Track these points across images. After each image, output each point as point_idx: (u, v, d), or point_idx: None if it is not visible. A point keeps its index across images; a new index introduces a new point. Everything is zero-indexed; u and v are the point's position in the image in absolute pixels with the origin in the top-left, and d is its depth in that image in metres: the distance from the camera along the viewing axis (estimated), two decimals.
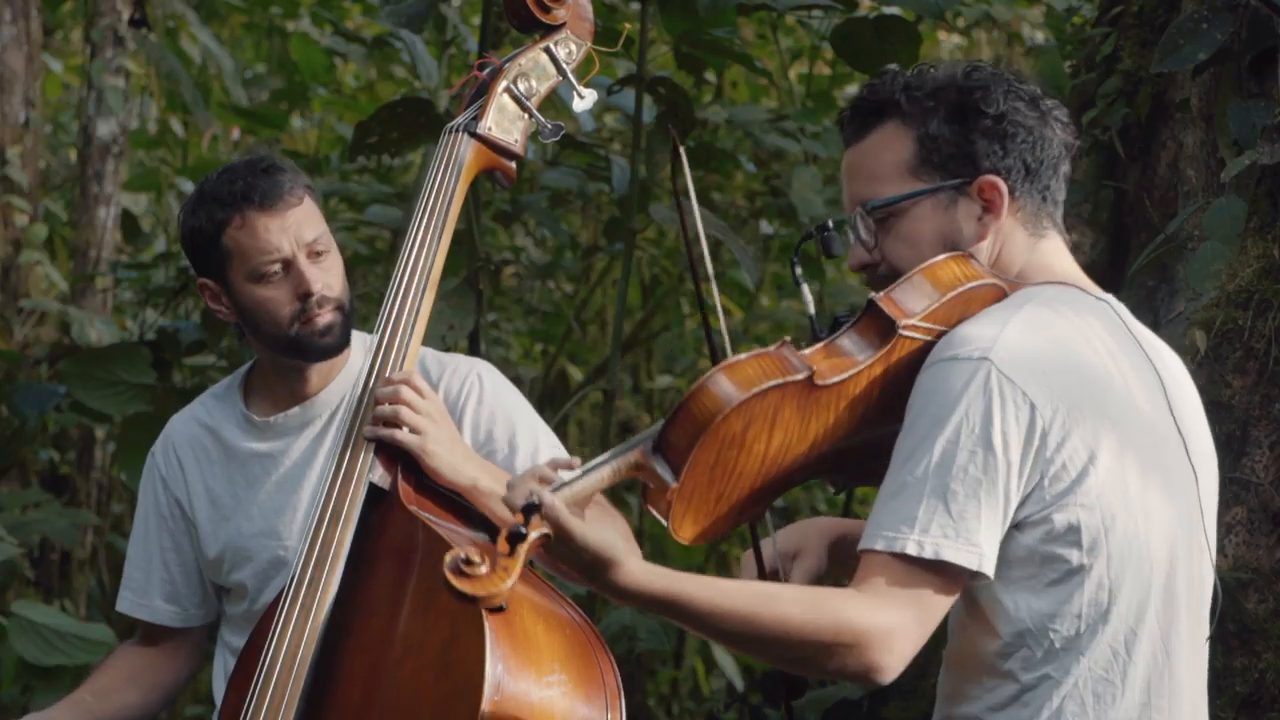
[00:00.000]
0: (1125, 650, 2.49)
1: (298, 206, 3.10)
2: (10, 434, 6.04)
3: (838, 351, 2.49)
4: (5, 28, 6.55)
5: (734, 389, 2.39)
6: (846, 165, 2.64)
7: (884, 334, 2.49)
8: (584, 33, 3.16)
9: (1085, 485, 2.45)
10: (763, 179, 7.23)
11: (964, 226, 2.57)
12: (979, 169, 2.57)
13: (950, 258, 2.54)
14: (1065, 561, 2.46)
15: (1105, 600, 2.47)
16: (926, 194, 2.57)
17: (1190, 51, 4.03)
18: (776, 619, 2.35)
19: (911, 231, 2.57)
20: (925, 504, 2.38)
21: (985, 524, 2.40)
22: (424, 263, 3.05)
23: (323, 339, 3.13)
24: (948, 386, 2.42)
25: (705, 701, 7.20)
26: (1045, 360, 2.45)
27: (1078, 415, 2.45)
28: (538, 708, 2.75)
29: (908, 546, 2.37)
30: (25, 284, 6.73)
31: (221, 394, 3.31)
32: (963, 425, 2.40)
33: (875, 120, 2.60)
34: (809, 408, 2.44)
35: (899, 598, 2.37)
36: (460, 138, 3.10)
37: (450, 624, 2.78)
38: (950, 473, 2.39)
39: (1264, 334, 3.76)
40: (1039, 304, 2.52)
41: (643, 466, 2.40)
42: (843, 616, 2.35)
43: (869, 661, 2.36)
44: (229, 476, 3.23)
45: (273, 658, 2.91)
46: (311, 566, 2.93)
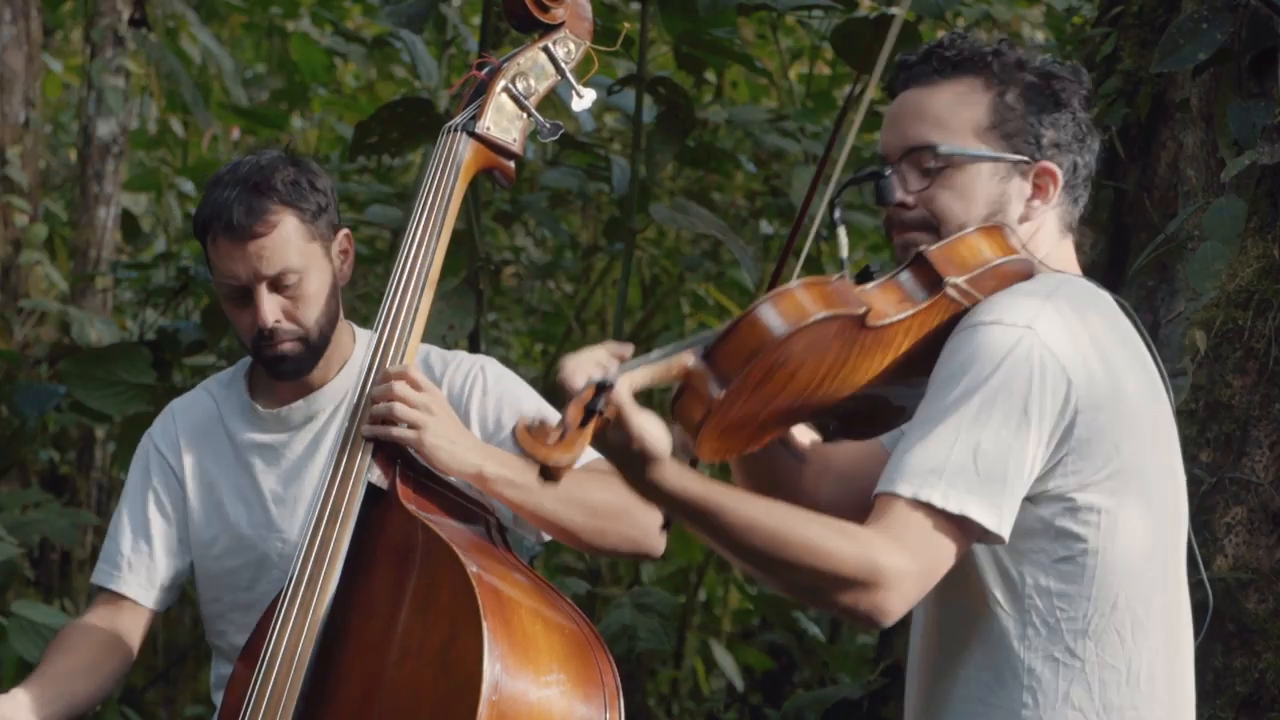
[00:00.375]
0: (1132, 638, 2.49)
1: (265, 236, 3.06)
2: (10, 434, 6.04)
3: (885, 296, 2.48)
4: (5, 28, 6.54)
5: (799, 310, 2.36)
6: (910, 105, 2.60)
7: (929, 287, 2.48)
8: (583, 32, 3.16)
9: (1110, 469, 2.46)
10: (763, 179, 7.23)
11: (1013, 202, 2.59)
12: (1041, 154, 2.60)
13: (996, 227, 2.55)
14: (1080, 540, 2.46)
15: (1115, 586, 2.48)
16: (996, 160, 2.58)
17: (1190, 51, 4.02)
18: (804, 542, 2.32)
19: (968, 188, 2.57)
20: (954, 457, 2.38)
21: (1009, 488, 2.40)
22: (423, 261, 3.05)
23: (279, 366, 3.14)
24: (991, 349, 2.42)
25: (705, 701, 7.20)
26: (1081, 342, 2.47)
27: (1108, 400, 2.47)
28: (536, 707, 2.75)
29: (934, 496, 2.36)
30: (25, 284, 6.73)
31: (226, 382, 3.31)
32: (1001, 388, 2.40)
33: (953, 71, 2.60)
34: (851, 345, 2.43)
35: (917, 544, 2.36)
36: (459, 137, 3.10)
37: (449, 624, 2.79)
38: (984, 432, 2.39)
39: (1264, 334, 3.76)
40: (1074, 288, 2.54)
41: (691, 371, 2.34)
42: (867, 553, 2.33)
43: (879, 602, 2.35)
44: (228, 465, 3.23)
45: (271, 657, 2.91)
46: (310, 566, 2.93)
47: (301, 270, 3.10)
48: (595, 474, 3.03)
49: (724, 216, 7.03)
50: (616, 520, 3.01)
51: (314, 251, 3.13)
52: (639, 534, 3.04)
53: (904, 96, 2.62)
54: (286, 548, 3.12)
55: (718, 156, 6.41)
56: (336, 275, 3.18)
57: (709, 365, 2.34)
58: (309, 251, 3.12)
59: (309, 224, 3.12)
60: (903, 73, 2.64)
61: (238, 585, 3.21)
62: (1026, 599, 2.48)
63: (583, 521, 3.01)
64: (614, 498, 2.99)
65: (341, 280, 3.20)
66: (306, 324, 3.12)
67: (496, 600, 2.79)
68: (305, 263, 3.11)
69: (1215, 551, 3.68)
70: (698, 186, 7.36)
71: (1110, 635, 2.48)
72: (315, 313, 3.12)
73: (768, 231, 7.47)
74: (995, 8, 6.47)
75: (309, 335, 3.12)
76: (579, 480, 3.00)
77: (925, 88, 2.61)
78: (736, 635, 7.60)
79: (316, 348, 3.15)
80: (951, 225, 2.56)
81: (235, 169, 3.13)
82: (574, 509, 2.99)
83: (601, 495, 3.00)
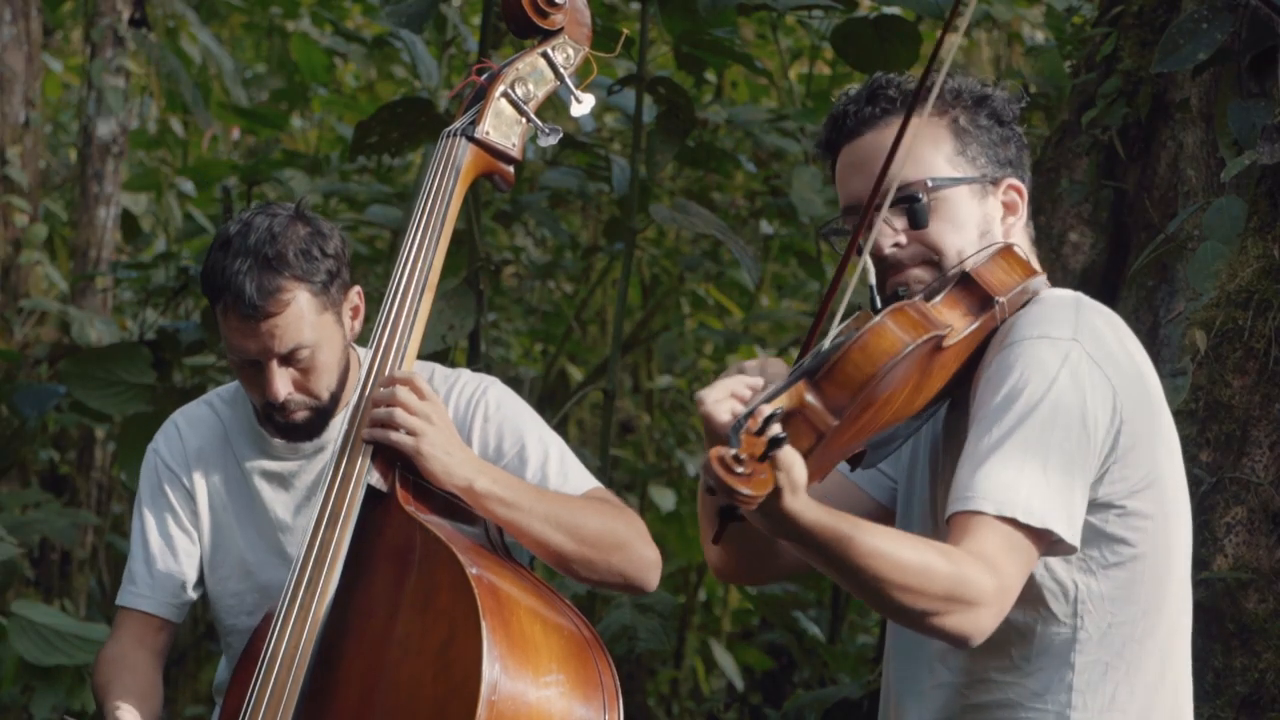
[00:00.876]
0: (1168, 640, 2.53)
1: (278, 315, 3.02)
2: (10, 434, 6.04)
3: (950, 314, 2.50)
4: (5, 28, 6.55)
5: (901, 335, 2.39)
6: (873, 148, 2.59)
7: (981, 306, 2.51)
8: (581, 38, 3.16)
9: (1150, 476, 2.51)
10: (763, 179, 7.23)
11: (994, 222, 2.61)
12: (1002, 171, 2.62)
13: (1009, 248, 2.58)
14: (1130, 545, 2.50)
15: (1163, 590, 2.52)
16: (972, 181, 2.59)
17: (1190, 51, 4.02)
18: (923, 565, 2.33)
19: (958, 215, 2.58)
20: (1027, 475, 2.40)
21: (1076, 499, 2.43)
22: (421, 266, 3.04)
23: (290, 432, 3.12)
24: (1042, 363, 2.45)
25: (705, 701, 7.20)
26: (1116, 351, 2.51)
27: (1143, 408, 2.51)
28: (535, 708, 2.75)
29: (1017, 513, 2.38)
30: (25, 284, 6.73)
31: (231, 400, 3.26)
32: (1059, 401, 2.43)
33: (900, 109, 2.60)
34: (925, 368, 2.46)
35: (1005, 560, 2.38)
36: (458, 142, 3.10)
37: (448, 625, 2.79)
38: (1050, 447, 2.42)
39: (1264, 334, 3.76)
40: (1090, 304, 2.56)
41: (804, 403, 2.35)
42: (974, 576, 2.35)
43: (974, 622, 2.37)
44: (237, 488, 3.20)
45: (271, 658, 2.91)
46: (310, 568, 2.93)
47: (314, 344, 3.06)
48: (593, 502, 3.03)
49: (724, 216, 7.03)
50: (607, 552, 3.00)
51: (326, 323, 3.08)
52: (630, 569, 3.03)
53: (860, 143, 2.61)
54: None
55: (718, 156, 6.41)
56: (348, 337, 3.14)
57: (819, 395, 2.36)
58: (321, 324, 3.07)
59: (321, 296, 3.07)
60: (848, 121, 2.62)
61: (241, 609, 3.19)
62: (1080, 604, 2.50)
63: (572, 548, 2.98)
64: (607, 529, 3.00)
65: (352, 336, 3.15)
66: (318, 393, 3.09)
67: (495, 601, 2.79)
68: (317, 336, 3.06)
69: (1215, 551, 3.68)
70: (698, 186, 7.37)
71: (1151, 640, 2.52)
72: (327, 381, 3.09)
73: (768, 231, 7.47)
74: (995, 8, 6.47)
75: (320, 404, 3.10)
76: (573, 507, 3.00)
77: (879, 129, 2.60)
78: (736, 635, 7.60)
79: (328, 411, 3.12)
80: (951, 256, 2.57)
81: (246, 233, 3.04)
82: (563, 534, 2.97)
83: (595, 525, 3.00)
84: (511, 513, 2.97)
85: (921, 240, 2.57)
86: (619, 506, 3.08)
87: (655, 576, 3.05)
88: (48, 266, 7.02)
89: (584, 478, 3.12)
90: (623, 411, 7.76)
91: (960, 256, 2.56)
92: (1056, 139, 4.94)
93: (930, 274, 2.56)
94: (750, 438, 2.22)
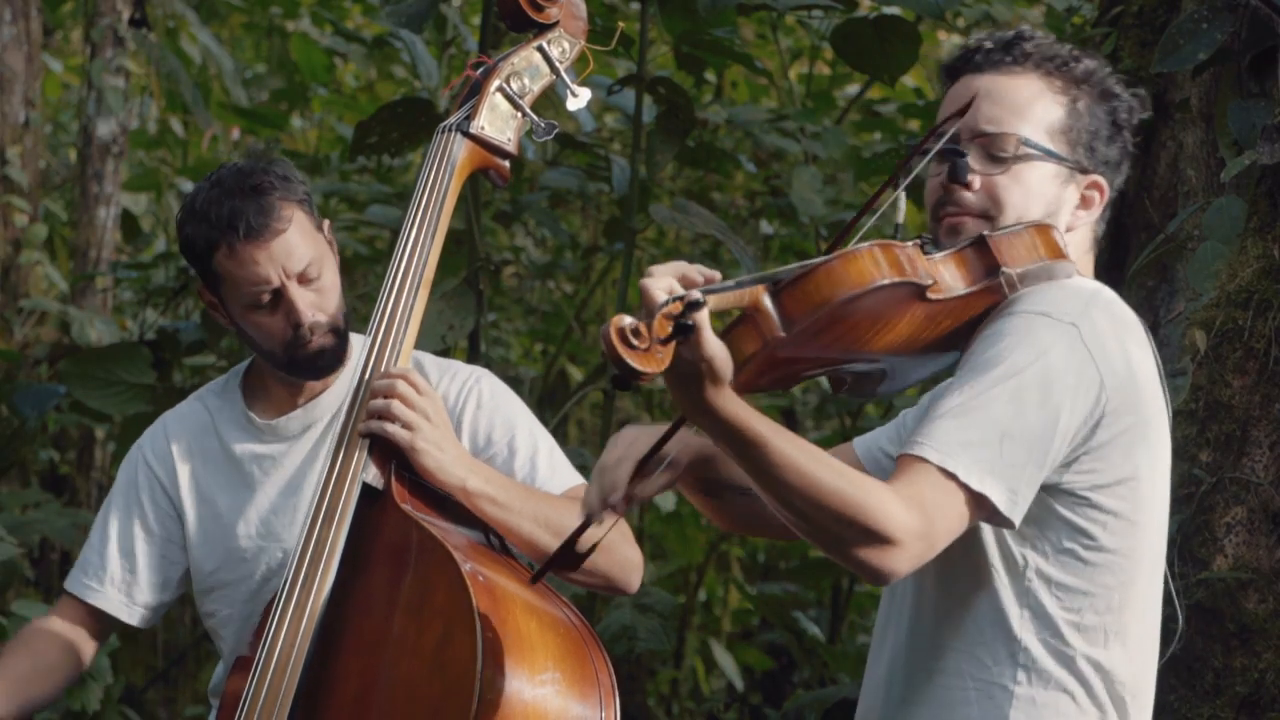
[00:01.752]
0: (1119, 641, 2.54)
1: (284, 233, 3.06)
2: (10, 434, 6.04)
3: (947, 271, 2.51)
4: (5, 28, 6.55)
5: (873, 270, 2.40)
6: (988, 89, 2.60)
7: (986, 272, 2.52)
8: (577, 31, 3.16)
9: (1123, 475, 2.51)
10: (763, 179, 7.23)
11: (1064, 208, 2.61)
12: (1095, 167, 2.62)
13: (1049, 227, 2.57)
14: (1088, 537, 2.50)
15: (1115, 589, 2.52)
16: (1063, 162, 2.59)
17: (1190, 51, 4.02)
18: (833, 487, 2.34)
19: (1033, 183, 2.58)
20: (984, 435, 2.41)
21: (1028, 476, 2.43)
22: (417, 262, 3.05)
23: (316, 363, 3.13)
24: (1036, 338, 2.46)
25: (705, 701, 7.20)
26: (1116, 348, 2.51)
27: (1132, 409, 2.51)
28: (531, 706, 2.75)
29: (958, 469, 2.39)
30: (25, 284, 6.73)
31: (220, 391, 3.29)
32: (1039, 379, 2.43)
33: (1033, 66, 2.61)
34: (904, 312, 2.47)
35: (934, 510, 2.39)
36: (453, 137, 3.10)
37: (443, 623, 2.79)
38: (1015, 418, 2.42)
39: (1264, 334, 3.76)
40: (1108, 296, 2.58)
41: (759, 306, 2.37)
42: (887, 510, 2.35)
43: (888, 560, 2.37)
44: (225, 477, 3.22)
45: (267, 657, 2.91)
46: (305, 565, 2.93)
47: (320, 260, 3.10)
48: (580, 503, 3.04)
49: (724, 216, 7.03)
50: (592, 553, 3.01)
51: (320, 240, 3.14)
52: (614, 570, 3.04)
53: (979, 79, 2.61)
54: (287, 557, 3.10)
55: (718, 156, 6.40)
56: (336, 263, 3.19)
57: (776, 304, 2.37)
58: (318, 241, 3.13)
59: (309, 214, 3.13)
60: (978, 55, 2.63)
61: (236, 598, 3.19)
62: (1026, 581, 2.51)
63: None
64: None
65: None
66: (333, 313, 3.12)
67: (491, 599, 2.79)
68: (320, 252, 3.11)
69: (1215, 551, 3.68)
70: (698, 186, 7.36)
71: (1099, 634, 2.52)
72: (337, 300, 3.13)
73: (768, 231, 7.47)
74: (995, 8, 6.47)
75: (337, 324, 3.13)
76: (560, 508, 3.01)
77: (1004, 75, 2.61)
78: (736, 635, 7.60)
79: (344, 337, 3.15)
80: (1009, 217, 2.57)
81: (217, 184, 3.09)
82: (551, 535, 2.98)
83: None
84: (502, 512, 2.97)
85: (990, 191, 2.58)
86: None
87: (638, 578, 3.06)
88: (48, 266, 7.02)
89: (570, 474, 3.15)
90: (623, 411, 7.75)
91: (1018, 219, 2.56)
92: None
93: (983, 226, 2.57)
94: (663, 319, 2.23)
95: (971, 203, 2.58)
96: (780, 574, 7.52)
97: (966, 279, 2.52)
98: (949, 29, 7.78)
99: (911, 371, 2.64)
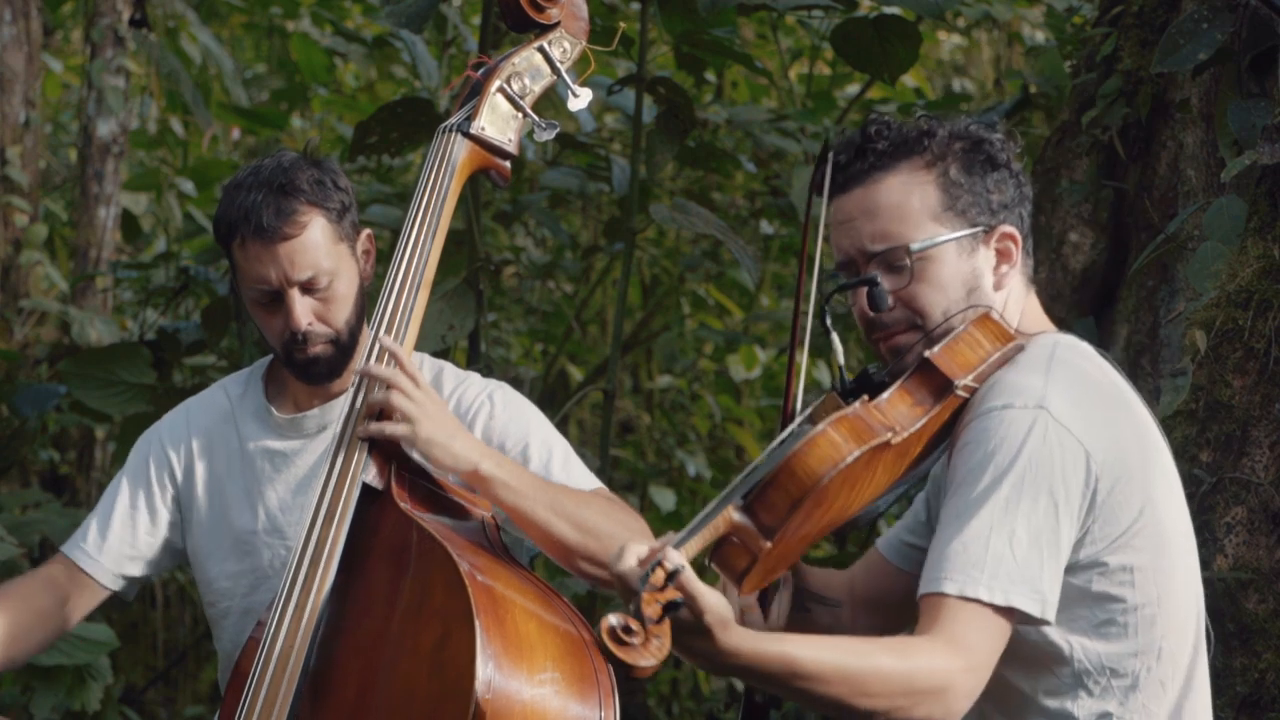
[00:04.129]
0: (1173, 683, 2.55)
1: (295, 238, 3.05)
2: (10, 434, 6.04)
3: (899, 407, 2.50)
4: (5, 28, 6.55)
5: (834, 452, 2.40)
6: (860, 206, 2.58)
7: (939, 392, 2.51)
8: (578, 31, 3.15)
9: (1138, 526, 2.49)
10: (763, 179, 7.23)
11: (984, 275, 2.59)
12: (994, 219, 2.58)
13: (986, 315, 2.56)
14: (1117, 600, 2.50)
15: (1158, 637, 2.52)
16: (958, 239, 2.57)
17: (1190, 51, 4.02)
18: (875, 672, 2.34)
19: (942, 276, 2.57)
20: (992, 549, 2.40)
21: (1048, 571, 2.42)
22: (418, 262, 3.04)
23: (310, 369, 3.13)
24: (1008, 435, 2.44)
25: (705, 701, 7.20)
26: (1091, 409, 2.49)
27: (1125, 461, 2.50)
28: (530, 706, 2.75)
29: (979, 592, 2.39)
30: (25, 284, 6.73)
31: (243, 381, 3.29)
32: (1026, 474, 2.42)
33: (891, 162, 2.58)
34: (876, 466, 2.47)
35: (971, 641, 2.39)
36: (453, 137, 3.10)
37: (441, 623, 2.78)
38: (1016, 520, 2.41)
39: (1264, 334, 3.76)
40: (1065, 354, 2.55)
41: (736, 526, 2.39)
42: (931, 665, 2.36)
43: (949, 707, 2.37)
44: (238, 468, 3.22)
45: (266, 656, 2.91)
46: (305, 565, 2.93)
47: (332, 272, 3.09)
48: (596, 497, 3.03)
49: (724, 216, 7.03)
50: (609, 544, 2.98)
51: (342, 252, 3.12)
52: None
53: (848, 199, 2.59)
54: (289, 554, 3.10)
55: (718, 156, 6.40)
56: (363, 276, 3.17)
57: (751, 518, 2.39)
58: (337, 253, 3.11)
59: (336, 224, 3.11)
60: (837, 176, 2.60)
61: (237, 591, 3.20)
62: (1077, 663, 2.51)
63: (575, 538, 2.98)
64: (609, 522, 3.00)
65: (365, 280, 3.18)
66: (337, 325, 3.11)
67: (489, 599, 2.79)
68: (335, 264, 3.10)
69: (1215, 551, 3.68)
70: (698, 186, 7.36)
71: (1155, 686, 2.53)
72: (345, 314, 3.11)
73: (768, 231, 7.47)
74: (995, 8, 6.47)
75: (339, 337, 3.11)
76: (577, 498, 3.00)
77: (869, 186, 2.58)
78: None
79: (347, 349, 3.13)
80: (935, 317, 2.56)
81: (257, 172, 3.10)
82: (567, 523, 2.97)
83: (597, 517, 2.99)
84: (516, 498, 2.95)
85: (907, 303, 2.56)
86: (621, 505, 3.08)
87: None
88: (48, 266, 7.02)
89: (587, 478, 3.13)
90: (623, 411, 7.75)
91: (945, 316, 2.54)
92: (1056, 139, 4.94)
93: (915, 337, 2.55)
94: (651, 595, 2.24)
95: (896, 321, 2.58)
96: None
97: (922, 408, 2.51)
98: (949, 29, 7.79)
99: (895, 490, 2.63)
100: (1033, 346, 2.57)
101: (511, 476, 2.96)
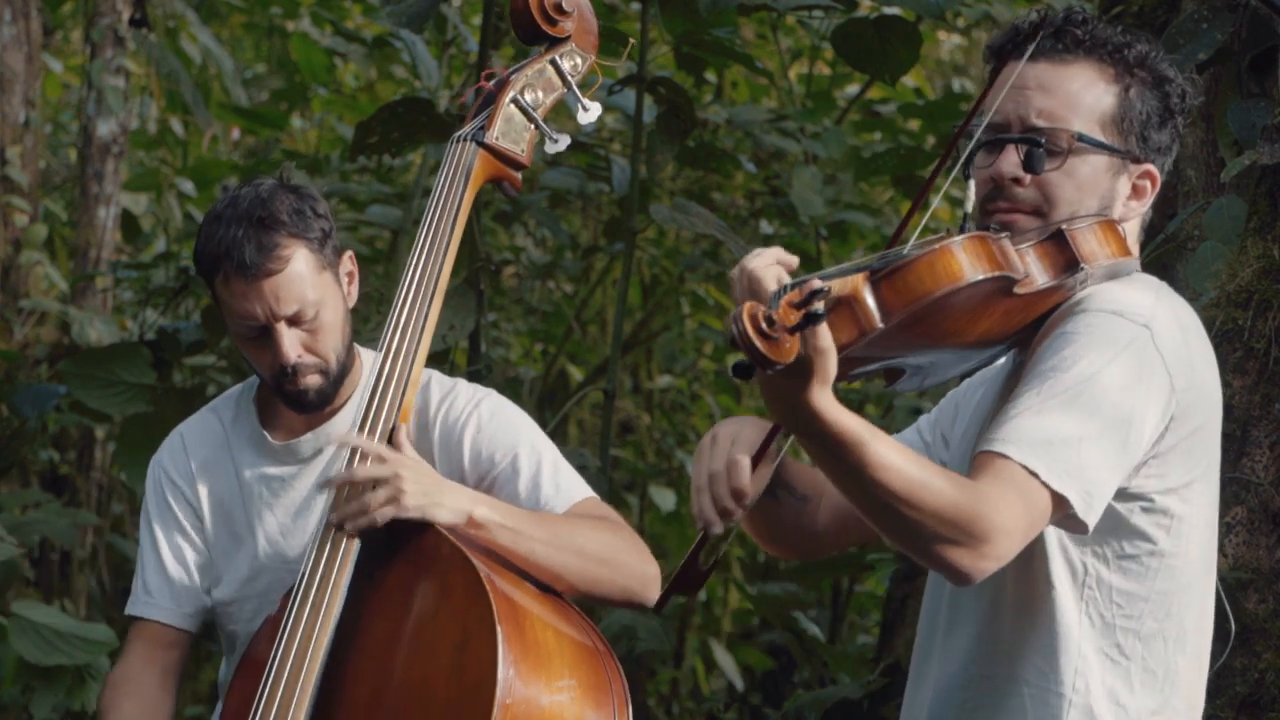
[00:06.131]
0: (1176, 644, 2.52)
1: (279, 273, 3.01)
2: (10, 434, 6.04)
3: (1032, 264, 2.45)
4: (5, 28, 6.55)
5: (974, 263, 2.34)
6: (1039, 79, 2.53)
7: (1067, 268, 2.46)
8: (589, 45, 3.15)
9: (1188, 478, 2.47)
10: (763, 179, 7.24)
11: (1118, 199, 2.56)
12: (1147, 156, 2.56)
13: (1113, 224, 2.52)
14: (1149, 541, 2.47)
15: (1174, 594, 2.49)
16: (1115, 153, 2.53)
17: (1190, 51, 4.02)
18: (937, 487, 2.28)
19: (1087, 178, 2.52)
20: (1064, 437, 2.36)
21: (1103, 484, 2.39)
22: (431, 270, 3.04)
23: (300, 400, 3.10)
24: (1113, 337, 2.41)
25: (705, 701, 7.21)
26: (1184, 351, 2.47)
27: (1196, 412, 2.48)
28: (548, 712, 2.76)
29: (1040, 468, 2.34)
30: (25, 284, 6.73)
31: (234, 404, 3.26)
32: (1113, 382, 2.39)
33: (1084, 54, 2.54)
34: (991, 306, 2.41)
35: (1020, 507, 2.34)
36: (468, 147, 3.09)
37: (461, 627, 2.79)
38: (1091, 422, 2.37)
39: (1264, 334, 3.76)
40: (1170, 292, 2.53)
41: (858, 297, 2.28)
42: (980, 506, 2.30)
43: (978, 561, 2.32)
44: (238, 495, 3.19)
45: (282, 657, 2.89)
46: (321, 566, 2.92)
47: (318, 303, 3.06)
48: (590, 520, 3.03)
49: (724, 216, 7.03)
50: (611, 568, 2.98)
51: (326, 281, 3.08)
52: (634, 583, 3.01)
53: (1031, 69, 2.54)
54: (293, 579, 3.04)
55: (718, 156, 6.41)
56: (346, 301, 3.14)
57: (875, 294, 2.30)
58: (321, 282, 3.07)
59: (318, 253, 3.07)
60: (1029, 42, 2.55)
61: (241, 616, 3.17)
62: (1086, 589, 2.48)
63: (578, 566, 2.96)
64: (606, 545, 2.99)
65: (349, 303, 3.15)
66: (326, 354, 3.08)
67: (509, 605, 2.79)
68: (320, 294, 3.06)
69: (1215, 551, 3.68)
70: (698, 186, 7.37)
71: (1158, 641, 2.50)
72: (333, 342, 3.09)
73: (768, 231, 7.47)
74: (995, 8, 6.48)
75: (328, 366, 3.08)
76: (573, 526, 2.99)
77: (1055, 65, 2.53)
78: (736, 635, 7.61)
79: (337, 377, 3.11)
80: (1062, 212, 2.51)
81: (235, 203, 3.06)
82: (568, 554, 2.95)
83: (594, 541, 2.98)
84: (513, 537, 2.93)
85: (1041, 186, 2.52)
86: (616, 523, 3.07)
87: (656, 591, 3.03)
88: (48, 266, 7.02)
89: (577, 487, 3.10)
90: (623, 411, 7.76)
91: (1072, 217, 2.50)
92: None
93: (1035, 223, 2.50)
94: (788, 307, 2.13)
95: (1024, 198, 2.52)
96: (780, 574, 7.52)
97: (1050, 272, 2.45)
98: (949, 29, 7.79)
99: (951, 367, 2.58)
100: (1143, 275, 2.55)
101: (506, 517, 2.94)
